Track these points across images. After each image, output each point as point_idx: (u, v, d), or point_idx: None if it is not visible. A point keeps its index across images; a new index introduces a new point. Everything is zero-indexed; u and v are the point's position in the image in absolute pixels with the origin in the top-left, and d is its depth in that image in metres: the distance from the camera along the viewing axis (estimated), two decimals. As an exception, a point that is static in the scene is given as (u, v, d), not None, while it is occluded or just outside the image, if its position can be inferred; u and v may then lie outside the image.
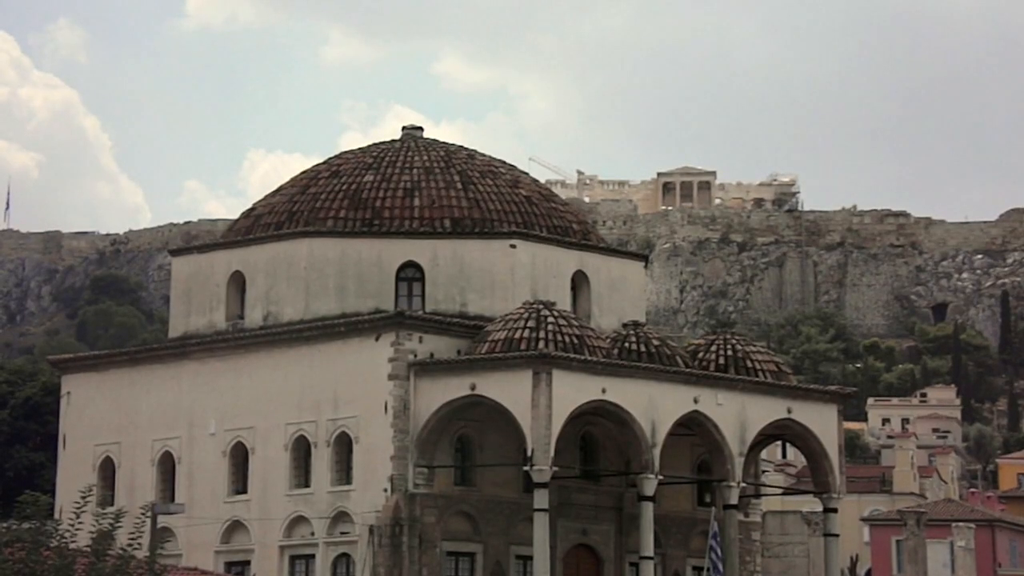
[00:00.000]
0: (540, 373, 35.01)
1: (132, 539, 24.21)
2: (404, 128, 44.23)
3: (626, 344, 37.77)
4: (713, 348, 39.69)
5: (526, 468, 35.32)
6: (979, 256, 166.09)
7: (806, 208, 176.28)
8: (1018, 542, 74.62)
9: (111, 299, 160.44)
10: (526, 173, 44.68)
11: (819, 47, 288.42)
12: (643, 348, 37.65)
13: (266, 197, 43.54)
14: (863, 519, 76.60)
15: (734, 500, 37.88)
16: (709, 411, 37.33)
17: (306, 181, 42.47)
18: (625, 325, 39.10)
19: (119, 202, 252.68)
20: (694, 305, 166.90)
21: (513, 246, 39.53)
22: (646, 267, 44.67)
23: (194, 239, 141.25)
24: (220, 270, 41.39)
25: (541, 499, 35.07)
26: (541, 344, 35.78)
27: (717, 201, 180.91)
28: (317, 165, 43.58)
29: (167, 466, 40.76)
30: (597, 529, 38.61)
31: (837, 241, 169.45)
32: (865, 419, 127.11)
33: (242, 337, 40.12)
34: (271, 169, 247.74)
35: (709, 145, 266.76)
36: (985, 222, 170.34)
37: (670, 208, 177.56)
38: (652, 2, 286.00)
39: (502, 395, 35.71)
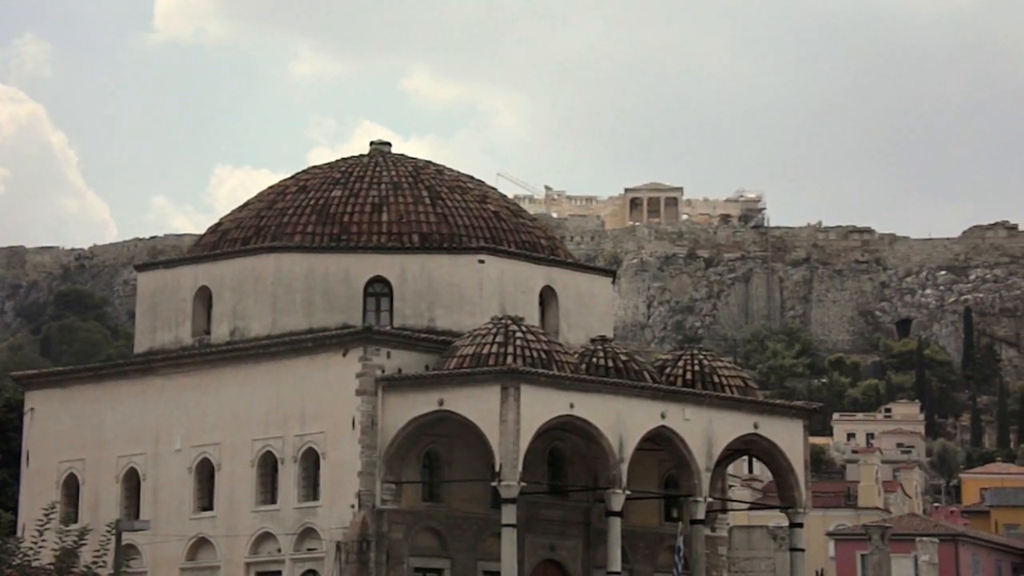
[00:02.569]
0: (508, 388, 35.03)
1: (96, 557, 24.04)
2: (372, 143, 44.23)
3: (594, 359, 37.86)
4: (680, 363, 39.84)
5: (494, 483, 35.29)
6: (942, 272, 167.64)
7: (772, 224, 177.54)
8: (981, 556, 75.23)
9: (75, 314, 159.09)
10: (494, 189, 44.78)
11: (786, 66, 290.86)
12: (611, 363, 37.76)
13: (233, 212, 43.40)
14: (828, 534, 76.98)
15: (701, 515, 37.99)
16: (676, 426, 37.45)
17: (273, 196, 42.37)
18: (593, 340, 39.20)
19: (85, 217, 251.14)
20: (661, 320, 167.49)
21: (481, 261, 39.57)
22: (614, 282, 44.83)
23: (160, 254, 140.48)
24: (186, 285, 41.19)
25: (509, 514, 35.05)
26: (509, 359, 35.81)
27: (684, 217, 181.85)
28: (284, 180, 43.50)
29: (132, 483, 40.45)
30: (565, 544, 38.61)
31: (803, 257, 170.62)
32: (830, 434, 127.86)
33: (208, 353, 39.92)
34: (238, 184, 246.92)
35: (676, 161, 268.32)
36: (948, 239, 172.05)
37: (637, 224, 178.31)
38: (620, 20, 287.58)
39: (470, 410, 35.69)
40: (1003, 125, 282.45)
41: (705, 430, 37.90)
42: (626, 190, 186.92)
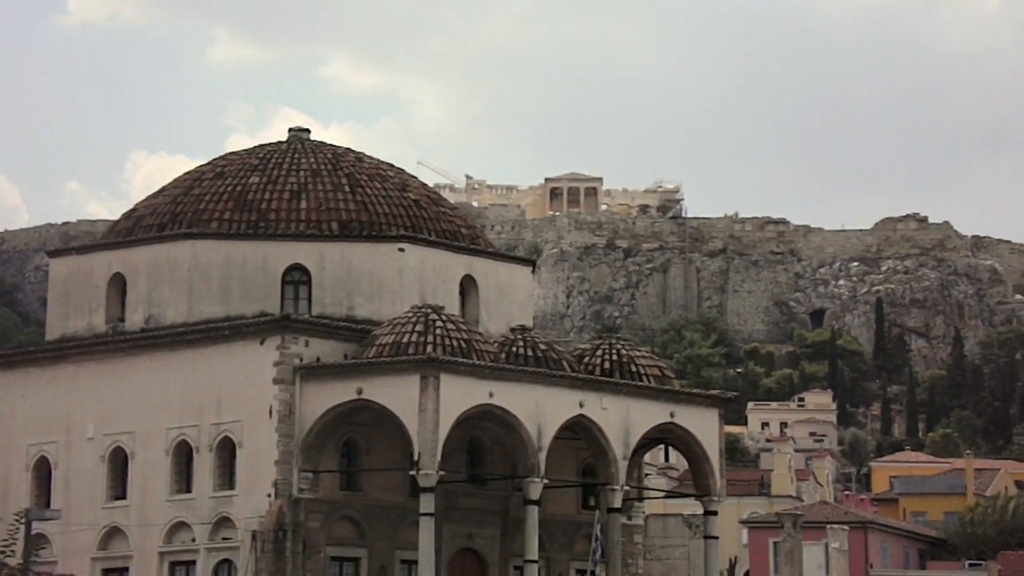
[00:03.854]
0: (428, 377, 35.00)
1: (5, 546, 23.64)
2: (291, 130, 43.83)
3: (513, 348, 37.98)
4: (599, 353, 40.12)
5: (412, 472, 35.26)
6: (855, 264, 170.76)
7: (690, 215, 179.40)
8: (889, 543, 76.89)
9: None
10: (415, 177, 44.63)
11: (704, 57, 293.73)
12: (530, 352, 37.91)
13: (148, 198, 42.76)
14: (742, 521, 78.07)
15: (617, 503, 38.31)
16: (594, 415, 37.72)
17: (190, 182, 41.82)
18: (513, 330, 39.31)
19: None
20: (580, 310, 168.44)
21: (401, 250, 39.45)
22: (534, 272, 44.96)
23: (73, 240, 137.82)
24: (100, 272, 40.53)
25: (427, 503, 35.06)
26: (429, 348, 35.78)
27: (603, 207, 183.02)
28: (201, 166, 42.95)
29: (43, 471, 39.76)
30: (483, 533, 38.71)
31: (719, 248, 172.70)
32: (745, 423, 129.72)
33: (122, 340, 39.34)
34: (154, 170, 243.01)
35: (596, 152, 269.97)
36: (861, 230, 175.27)
37: (557, 213, 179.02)
38: (541, 9, 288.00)
39: (389, 399, 35.61)
40: (915, 119, 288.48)
41: (622, 419, 38.22)
42: (546, 180, 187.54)
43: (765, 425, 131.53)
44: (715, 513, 40.22)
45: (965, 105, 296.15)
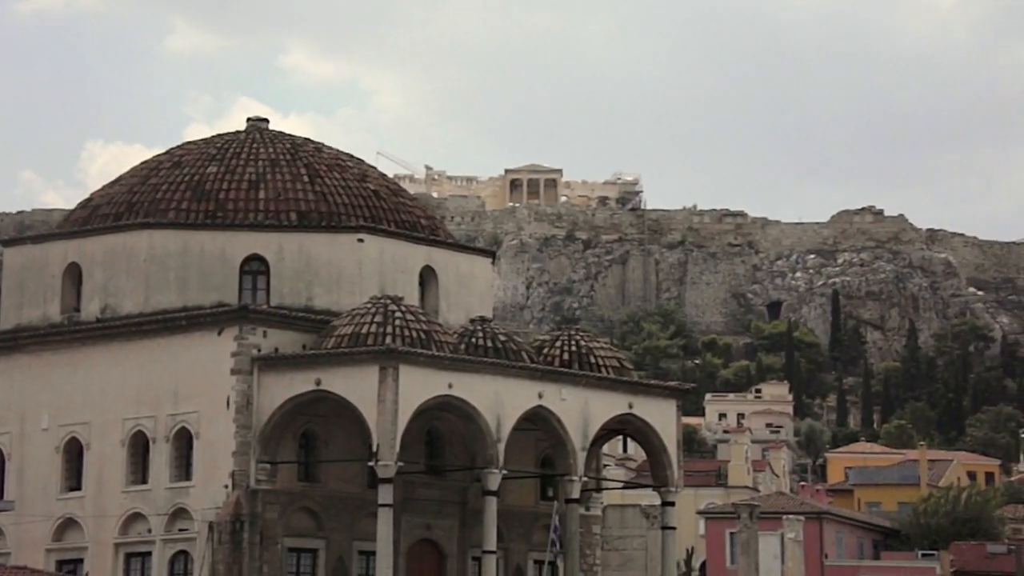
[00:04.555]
0: (387, 368, 34.93)
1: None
2: (249, 119, 43.56)
3: (473, 339, 37.98)
4: (558, 344, 40.20)
5: (371, 464, 35.21)
6: (812, 256, 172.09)
7: (649, 207, 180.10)
8: (844, 534, 77.67)
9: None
10: (374, 167, 44.48)
11: (664, 50, 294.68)
12: (490, 344, 37.92)
13: (104, 187, 42.39)
14: (699, 512, 78.60)
15: (576, 494, 38.44)
16: (553, 406, 37.81)
17: (147, 172, 41.48)
18: (472, 321, 39.31)
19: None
20: (540, 301, 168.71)
21: (360, 240, 39.32)
22: (493, 263, 44.99)
23: (28, 229, 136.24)
24: (55, 261, 40.14)
25: (385, 494, 35.02)
26: (388, 339, 35.71)
27: (563, 199, 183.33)
28: (159, 155, 42.61)
29: (-4, 463, 39.38)
30: (441, 524, 38.72)
31: (678, 240, 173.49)
32: (703, 414, 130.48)
33: (78, 330, 38.99)
34: (111, 160, 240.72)
35: (556, 143, 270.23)
36: (818, 223, 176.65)
37: (517, 205, 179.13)
38: (502, 1, 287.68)
39: (348, 390, 35.52)
40: (871, 113, 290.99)
41: (581, 410, 38.33)
42: (506, 171, 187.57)
43: (722, 416, 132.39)
44: (672, 504, 40.44)
45: (921, 99, 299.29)
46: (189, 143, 43.28)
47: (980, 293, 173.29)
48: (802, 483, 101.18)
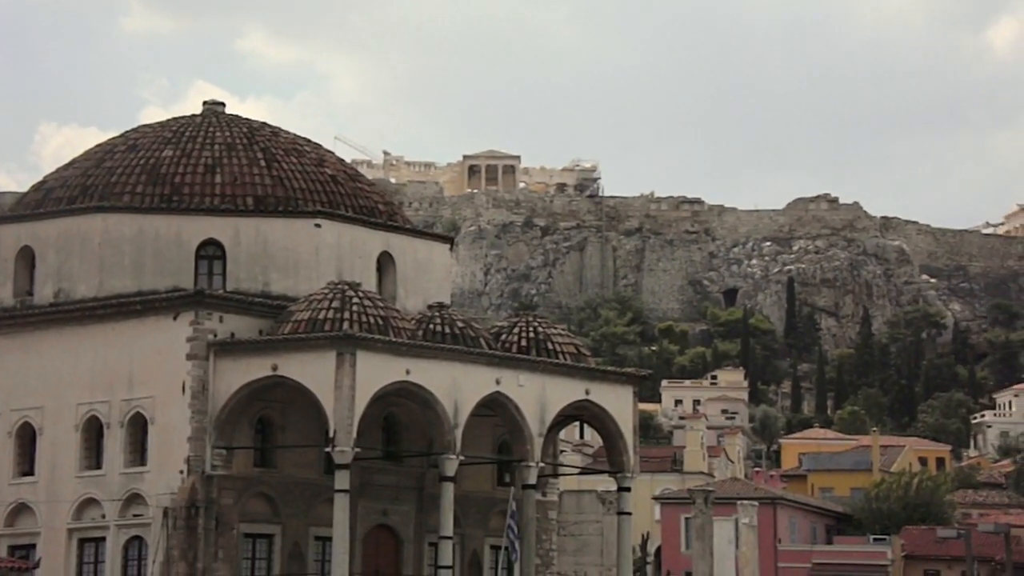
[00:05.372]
0: (344, 354, 34.84)
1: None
2: (205, 103, 43.20)
3: (431, 326, 37.96)
4: (515, 330, 40.27)
5: (328, 449, 35.14)
6: (767, 243, 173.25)
7: (606, 194, 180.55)
8: (797, 519, 78.48)
9: None
10: (331, 152, 44.26)
11: (621, 38, 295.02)
12: (447, 330, 37.91)
13: (58, 170, 41.92)
14: (655, 498, 79.09)
15: (532, 480, 38.56)
16: (510, 392, 37.88)
17: (101, 155, 41.05)
18: (430, 307, 39.27)
19: None
20: (498, 288, 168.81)
21: (318, 225, 39.15)
22: (452, 249, 44.90)
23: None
24: (7, 245, 39.69)
25: (342, 480, 34.96)
26: (345, 325, 35.61)
27: (521, 185, 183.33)
28: (113, 138, 42.19)
29: (-53, 448, 38.92)
30: (398, 510, 38.73)
31: (635, 227, 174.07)
32: (659, 400, 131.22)
33: (31, 314, 38.59)
34: (65, 143, 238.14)
35: (514, 129, 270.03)
36: (774, 211, 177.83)
37: (475, 191, 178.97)
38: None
39: (305, 376, 35.41)
40: (827, 102, 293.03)
41: (538, 396, 38.43)
42: (464, 157, 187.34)
43: (678, 402, 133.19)
44: (628, 489, 40.65)
45: (876, 88, 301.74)
46: (144, 126, 42.87)
47: (932, 280, 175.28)
48: (756, 469, 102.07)
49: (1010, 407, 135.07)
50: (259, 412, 36.98)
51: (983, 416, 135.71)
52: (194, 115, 42.52)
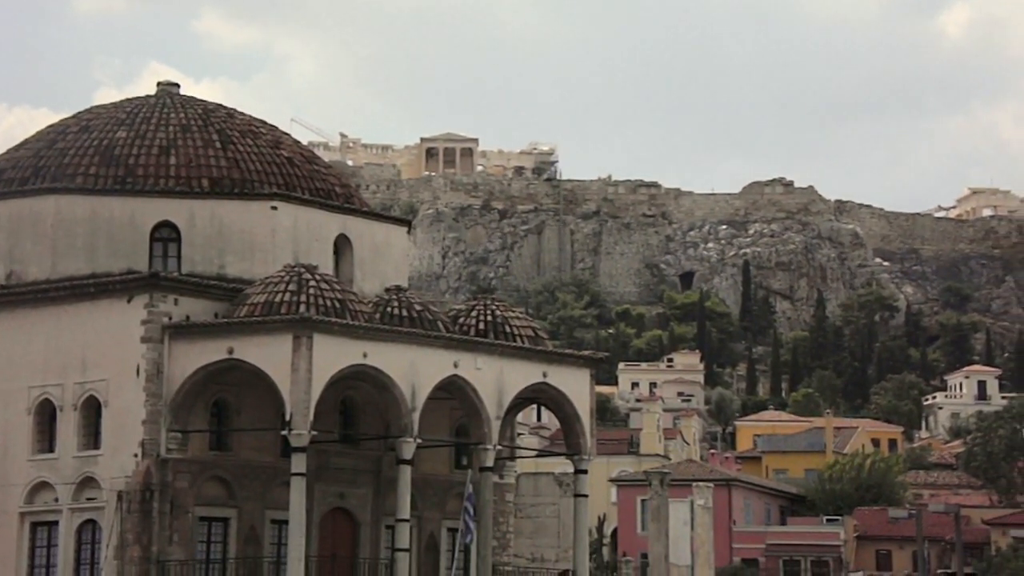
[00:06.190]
0: (301, 337, 34.69)
1: None
2: (160, 84, 42.76)
3: (388, 309, 37.87)
4: (473, 314, 40.26)
5: (284, 433, 35.02)
6: (723, 227, 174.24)
7: (564, 177, 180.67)
8: (752, 500, 79.23)
9: None
10: (288, 134, 43.95)
11: (578, 21, 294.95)
12: (405, 313, 37.84)
13: (9, 151, 41.36)
14: (611, 480, 79.55)
15: (490, 463, 38.62)
16: (468, 375, 37.89)
17: (53, 135, 40.55)
18: (388, 290, 39.17)
19: None
20: (456, 271, 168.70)
21: (274, 208, 38.90)
22: (409, 232, 44.79)
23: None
24: (-42, 226, 39.12)
25: (299, 463, 34.87)
26: (302, 308, 35.46)
27: (479, 168, 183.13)
28: (66, 119, 41.67)
29: None
30: (355, 493, 38.68)
31: (593, 210, 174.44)
32: (616, 383, 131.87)
33: (-18, 297, 38.10)
34: (16, 123, 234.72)
35: (472, 112, 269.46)
36: (729, 194, 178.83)
37: (433, 174, 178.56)
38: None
39: (261, 359, 35.23)
40: (782, 86, 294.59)
41: (496, 379, 38.48)
42: (422, 140, 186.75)
43: (635, 385, 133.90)
44: (585, 472, 40.83)
45: (830, 72, 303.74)
46: (98, 107, 42.38)
47: (886, 264, 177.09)
48: (712, 451, 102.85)
49: (961, 389, 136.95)
50: (215, 395, 36.78)
51: (934, 398, 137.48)
52: (148, 96, 42.09)
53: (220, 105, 42.70)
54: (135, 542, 35.00)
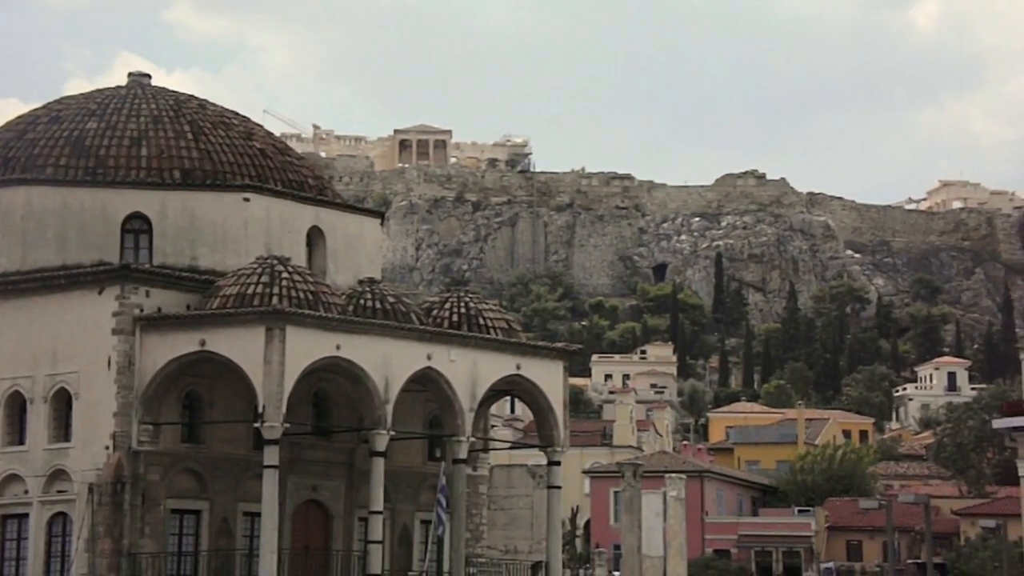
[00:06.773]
0: (273, 329, 34.58)
1: None
2: (131, 75, 42.49)
3: (361, 301, 37.80)
4: (447, 306, 40.24)
5: (256, 425, 34.93)
6: (696, 219, 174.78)
7: (538, 169, 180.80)
8: (724, 491, 79.61)
9: None
10: (260, 126, 43.75)
11: (552, 13, 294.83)
12: (378, 305, 37.78)
13: (-22, 141, 40.98)
14: (585, 471, 79.75)
15: (463, 455, 38.63)
16: (442, 367, 37.87)
17: (23, 126, 40.24)
18: (361, 282, 39.09)
19: None
20: (429, 263, 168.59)
21: (246, 199, 38.74)
22: (383, 224, 44.69)
23: None
24: (-74, 217, 38.77)
25: (271, 455, 34.78)
26: (275, 300, 35.35)
27: (453, 160, 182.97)
28: (36, 110, 41.34)
29: None
30: (327, 485, 38.64)
31: (566, 202, 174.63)
32: (589, 375, 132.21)
33: (-49, 288, 37.79)
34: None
35: (445, 104, 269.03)
36: (702, 186, 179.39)
37: (407, 166, 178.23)
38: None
39: (233, 351, 35.11)
40: (755, 78, 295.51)
41: (469, 371, 38.48)
42: (395, 131, 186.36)
43: (608, 377, 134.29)
44: (558, 463, 40.91)
45: (802, 65, 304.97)
46: (68, 98, 42.07)
47: (857, 256, 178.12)
48: (685, 442, 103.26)
49: (931, 380, 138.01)
50: (187, 387, 36.64)
51: (905, 389, 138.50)
52: (119, 87, 41.82)
53: (192, 96, 42.48)
54: (106, 535, 34.85)
